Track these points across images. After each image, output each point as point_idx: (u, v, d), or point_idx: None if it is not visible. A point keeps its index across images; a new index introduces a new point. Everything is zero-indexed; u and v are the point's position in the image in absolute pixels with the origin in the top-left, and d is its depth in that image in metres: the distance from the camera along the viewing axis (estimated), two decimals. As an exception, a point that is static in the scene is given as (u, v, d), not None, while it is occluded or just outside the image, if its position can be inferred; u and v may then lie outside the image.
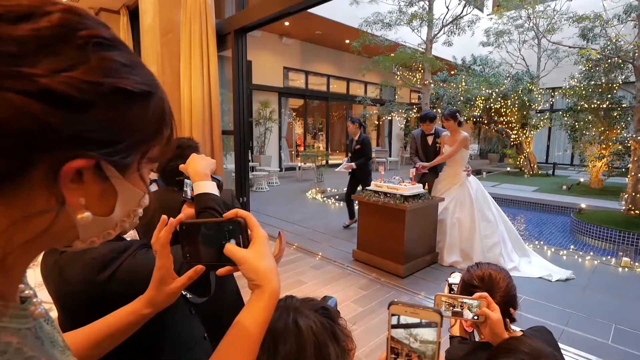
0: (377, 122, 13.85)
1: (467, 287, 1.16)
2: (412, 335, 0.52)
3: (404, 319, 0.53)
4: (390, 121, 13.27)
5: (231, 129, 4.68)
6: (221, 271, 0.59)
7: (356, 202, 3.72)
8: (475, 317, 0.98)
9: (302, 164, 9.34)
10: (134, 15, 6.33)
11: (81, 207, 0.35)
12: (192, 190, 1.09)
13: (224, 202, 1.09)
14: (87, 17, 0.33)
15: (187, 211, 1.17)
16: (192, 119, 4.46)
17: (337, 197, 7.09)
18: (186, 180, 1.15)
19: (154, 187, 1.64)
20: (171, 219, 0.63)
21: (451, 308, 1.01)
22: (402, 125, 13.01)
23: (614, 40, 6.66)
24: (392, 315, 0.55)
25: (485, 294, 1.00)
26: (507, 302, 1.11)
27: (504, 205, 7.12)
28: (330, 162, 11.59)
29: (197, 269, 0.63)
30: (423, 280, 3.15)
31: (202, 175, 1.07)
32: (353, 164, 4.51)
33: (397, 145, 14.19)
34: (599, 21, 7.11)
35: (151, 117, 0.38)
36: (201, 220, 0.61)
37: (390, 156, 13.25)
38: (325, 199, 6.82)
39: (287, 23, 8.92)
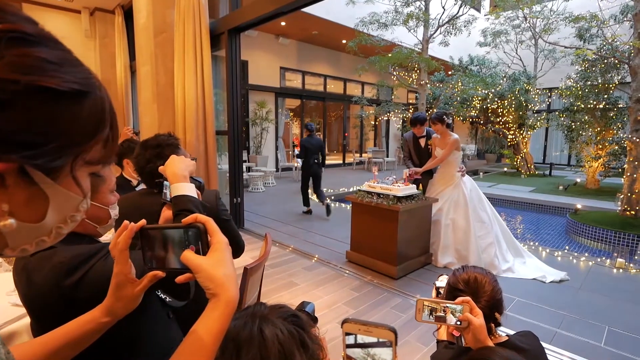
0: (373, 123, 13.84)
1: (452, 291, 1.14)
2: (370, 355, 0.50)
3: (361, 338, 0.51)
4: (388, 121, 13.26)
5: (225, 129, 4.65)
6: (180, 279, 0.57)
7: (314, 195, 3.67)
8: (458, 323, 0.96)
9: (299, 164, 9.31)
10: (128, 15, 6.31)
11: (4, 213, 0.32)
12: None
13: (202, 203, 1.07)
14: (6, 12, 0.31)
15: (166, 214, 1.14)
16: (185, 119, 4.43)
17: (333, 197, 7.07)
18: (165, 182, 1.13)
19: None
20: (131, 223, 0.61)
21: (434, 313, 0.99)
22: (399, 126, 13.00)
23: (609, 41, 6.66)
24: (347, 334, 0.53)
25: (468, 298, 0.98)
26: (492, 306, 1.09)
27: (501, 206, 7.13)
28: (327, 162, 11.54)
29: (157, 274, 0.61)
30: (416, 281, 3.13)
31: (180, 177, 1.05)
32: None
33: (394, 146, 14.18)
34: (595, 21, 7.11)
35: (86, 117, 0.35)
36: (162, 225, 0.59)
37: (387, 156, 13.24)
38: (321, 199, 6.79)
39: (283, 23, 8.89)
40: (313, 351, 0.62)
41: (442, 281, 1.31)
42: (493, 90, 9.74)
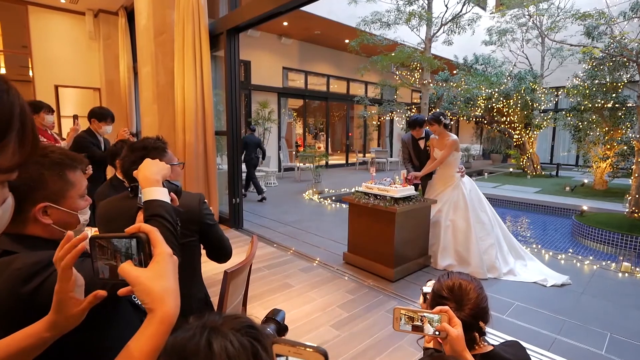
0: (375, 123, 13.74)
1: (436, 298, 1.10)
2: None
3: None
4: (392, 121, 13.17)
5: (224, 130, 4.64)
6: (122, 291, 0.54)
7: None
8: (436, 333, 0.92)
9: (301, 164, 9.29)
10: (131, 17, 6.34)
11: None
12: None
13: (175, 209, 1.04)
14: None
15: (140, 218, 1.12)
16: (185, 119, 4.44)
17: (333, 197, 7.03)
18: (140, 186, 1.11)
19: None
20: (75, 237, 0.58)
21: (411, 322, 0.95)
22: (403, 125, 12.92)
23: (617, 39, 6.51)
24: (278, 355, 0.49)
25: (446, 308, 0.94)
26: (477, 314, 1.04)
27: (506, 207, 7.02)
28: (330, 162, 11.51)
29: (97, 294, 0.58)
30: (414, 284, 3.08)
31: (152, 181, 1.02)
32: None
33: (397, 146, 14.08)
34: (603, 19, 6.95)
35: None
36: (109, 235, 0.56)
37: (391, 156, 13.16)
38: (321, 200, 6.77)
39: (285, 23, 8.88)
40: (268, 365, 0.59)
41: (430, 287, 1.27)
42: (498, 90, 9.60)
